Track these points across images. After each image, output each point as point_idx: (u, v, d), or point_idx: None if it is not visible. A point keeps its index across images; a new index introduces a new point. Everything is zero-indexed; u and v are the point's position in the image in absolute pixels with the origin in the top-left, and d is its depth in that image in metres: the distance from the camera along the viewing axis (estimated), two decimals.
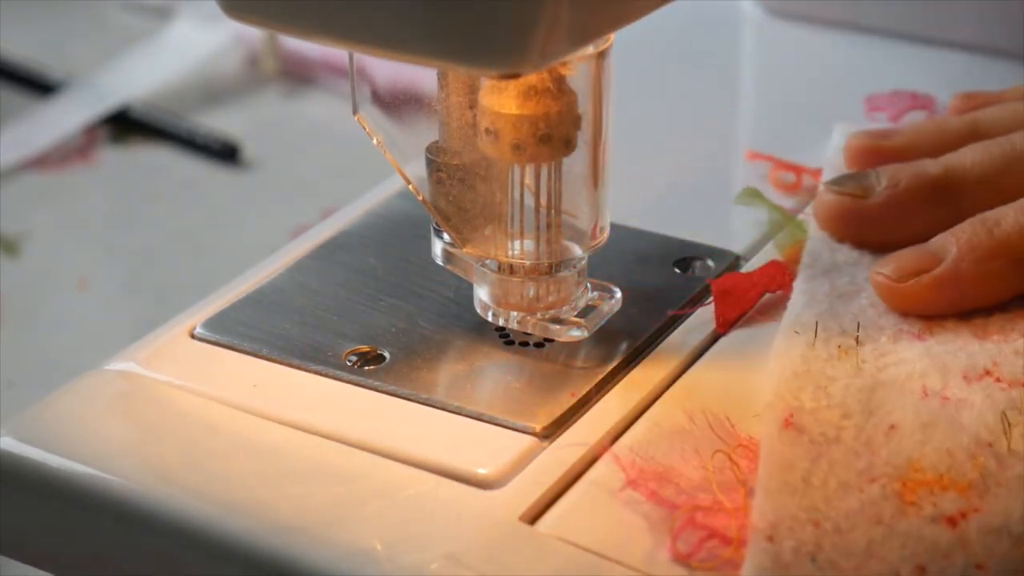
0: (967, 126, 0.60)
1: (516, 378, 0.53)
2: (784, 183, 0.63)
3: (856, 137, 0.61)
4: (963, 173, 0.56)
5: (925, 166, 0.57)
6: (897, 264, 0.54)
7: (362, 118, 0.54)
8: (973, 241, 0.53)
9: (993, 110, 0.61)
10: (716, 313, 0.55)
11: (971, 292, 0.53)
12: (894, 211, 0.56)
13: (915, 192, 0.56)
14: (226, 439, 0.51)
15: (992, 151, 0.57)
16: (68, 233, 0.86)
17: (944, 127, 0.61)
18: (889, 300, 0.54)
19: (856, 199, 0.56)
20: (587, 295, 0.55)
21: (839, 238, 0.57)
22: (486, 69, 0.46)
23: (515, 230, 0.53)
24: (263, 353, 0.55)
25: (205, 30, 1.03)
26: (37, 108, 0.97)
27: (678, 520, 0.46)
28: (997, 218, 0.54)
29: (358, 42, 0.47)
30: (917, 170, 0.57)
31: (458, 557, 0.46)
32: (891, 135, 0.61)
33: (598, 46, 0.51)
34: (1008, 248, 0.53)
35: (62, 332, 0.78)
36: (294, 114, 0.98)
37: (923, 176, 0.57)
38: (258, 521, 0.48)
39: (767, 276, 0.56)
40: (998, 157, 0.56)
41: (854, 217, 0.57)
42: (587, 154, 0.52)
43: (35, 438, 0.52)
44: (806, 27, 0.78)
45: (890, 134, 0.61)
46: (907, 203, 0.56)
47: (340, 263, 0.59)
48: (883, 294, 0.54)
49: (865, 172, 0.58)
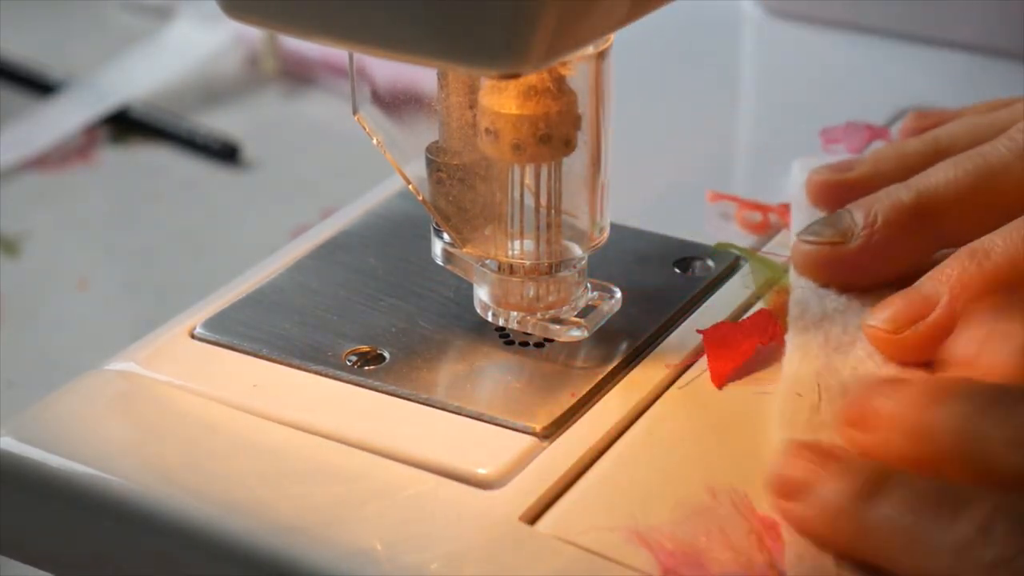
0: (928, 145, 0.58)
1: (516, 378, 0.53)
2: (751, 222, 0.62)
3: (817, 173, 0.59)
4: (938, 194, 0.55)
5: (898, 194, 0.55)
6: (890, 314, 0.52)
7: (362, 118, 0.54)
8: (964, 279, 0.51)
9: (950, 127, 0.60)
10: (710, 368, 0.53)
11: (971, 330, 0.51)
12: (875, 249, 0.54)
13: (893, 225, 0.54)
14: (226, 439, 0.51)
15: (965, 166, 0.55)
16: (68, 233, 0.86)
17: (904, 150, 0.59)
18: (887, 352, 0.52)
19: (835, 245, 0.55)
20: (587, 295, 0.55)
21: (824, 283, 0.55)
22: (486, 69, 0.46)
23: (515, 230, 0.53)
24: (263, 353, 0.55)
25: (205, 30, 1.03)
26: (37, 108, 0.97)
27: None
28: (986, 249, 0.51)
29: (358, 42, 0.47)
30: (891, 200, 0.55)
31: (458, 557, 0.46)
32: (852, 166, 0.59)
33: (598, 46, 0.51)
34: (1000, 280, 0.51)
35: (62, 332, 0.78)
36: (294, 114, 0.98)
37: (898, 207, 0.55)
38: (258, 521, 0.48)
39: (758, 327, 0.54)
40: (971, 172, 0.55)
41: (836, 264, 0.55)
42: (587, 154, 0.52)
43: (35, 438, 0.52)
44: (806, 27, 0.78)
45: (850, 165, 0.59)
46: (887, 238, 0.54)
47: (340, 263, 0.59)
48: (880, 347, 0.52)
49: (839, 214, 0.56)
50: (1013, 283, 0.51)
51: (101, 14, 1.10)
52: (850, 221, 0.55)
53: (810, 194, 0.60)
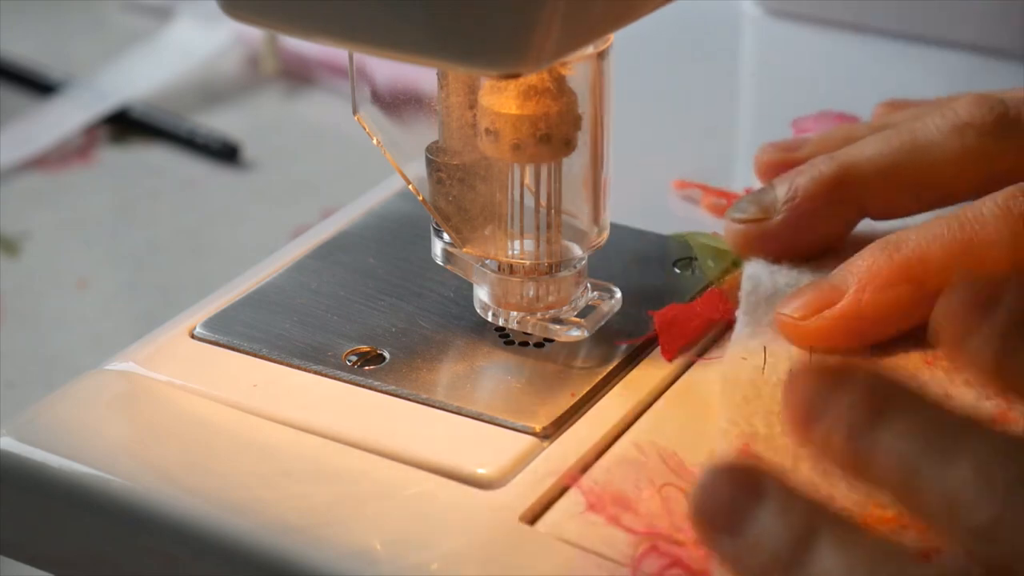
0: (876, 130, 0.58)
1: (516, 378, 0.53)
2: (717, 206, 0.62)
3: (764, 152, 0.60)
4: (860, 167, 0.54)
5: (820, 166, 0.55)
6: (800, 302, 0.52)
7: (362, 118, 0.54)
8: (873, 269, 0.51)
9: (908, 111, 0.59)
10: (660, 343, 0.54)
11: (876, 323, 0.51)
12: (797, 223, 0.54)
13: (814, 197, 0.54)
14: (226, 439, 0.51)
15: (891, 141, 0.55)
16: (68, 233, 0.86)
17: (853, 133, 0.59)
18: (794, 339, 0.52)
19: (759, 221, 0.55)
20: (587, 295, 0.55)
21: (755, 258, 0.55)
22: (486, 69, 0.46)
23: (515, 230, 0.53)
24: (263, 353, 0.55)
25: (205, 30, 1.03)
26: (37, 108, 0.97)
27: (641, 547, 0.46)
28: (898, 242, 0.52)
29: (358, 42, 0.47)
30: (812, 173, 0.55)
31: (458, 557, 0.46)
32: (799, 145, 0.59)
33: (598, 46, 0.51)
34: (908, 272, 0.51)
35: (62, 332, 0.78)
36: (294, 114, 0.98)
37: (819, 179, 0.55)
38: (258, 521, 0.48)
39: (708, 305, 0.55)
40: (896, 147, 0.54)
41: (761, 240, 0.55)
42: (587, 154, 0.52)
43: (35, 438, 0.52)
44: (806, 27, 0.78)
45: (798, 144, 0.59)
46: (809, 211, 0.54)
47: (340, 263, 0.59)
48: (787, 333, 0.52)
49: (763, 189, 0.56)
50: (920, 278, 0.51)
51: (101, 14, 1.10)
52: (772, 196, 0.55)
53: (759, 172, 0.60)
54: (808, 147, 0.59)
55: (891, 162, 0.54)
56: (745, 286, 0.55)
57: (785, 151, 0.59)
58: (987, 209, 0.51)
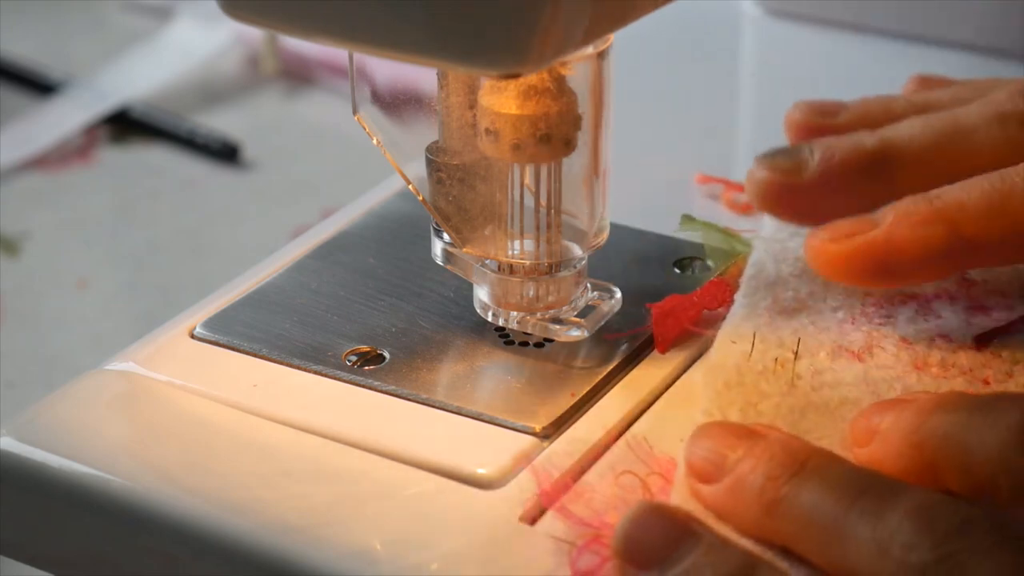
0: (915, 105, 0.58)
1: (516, 378, 0.53)
2: (737, 203, 0.62)
3: (800, 110, 0.58)
4: (900, 147, 0.54)
5: (861, 139, 0.54)
6: (832, 226, 0.51)
7: (362, 118, 0.54)
8: (911, 208, 0.51)
9: (945, 91, 0.59)
10: (655, 334, 0.54)
11: (905, 260, 0.51)
12: (828, 186, 0.53)
13: (850, 166, 0.54)
14: (226, 439, 0.51)
15: (933, 125, 0.54)
16: (68, 233, 0.86)
17: (891, 105, 0.58)
18: (820, 263, 0.51)
19: (789, 175, 0.54)
20: (587, 295, 0.55)
21: (775, 215, 0.54)
22: (486, 69, 0.46)
23: (515, 230, 0.53)
24: (263, 353, 0.55)
25: (205, 30, 1.03)
26: (37, 108, 0.97)
27: (581, 539, 0.46)
28: (939, 192, 0.51)
29: (358, 42, 0.47)
30: (853, 143, 0.54)
31: (458, 557, 0.46)
32: (837, 111, 0.58)
33: (598, 46, 0.51)
34: (946, 216, 0.50)
35: (62, 332, 0.78)
36: (294, 114, 0.98)
37: (858, 149, 0.54)
38: (258, 521, 0.48)
39: (708, 295, 0.55)
40: (938, 131, 0.54)
41: (787, 194, 0.54)
42: (587, 154, 0.52)
43: (35, 438, 0.52)
44: (806, 27, 0.78)
45: (836, 110, 0.58)
46: (841, 178, 0.54)
47: (340, 263, 0.59)
48: (814, 257, 0.51)
49: (798, 146, 0.55)
50: (957, 221, 0.50)
51: (101, 14, 1.10)
52: (807, 154, 0.54)
53: (789, 129, 0.58)
54: (846, 115, 0.58)
55: (932, 144, 0.54)
56: (748, 271, 0.55)
57: (822, 115, 0.58)
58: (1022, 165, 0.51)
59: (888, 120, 0.56)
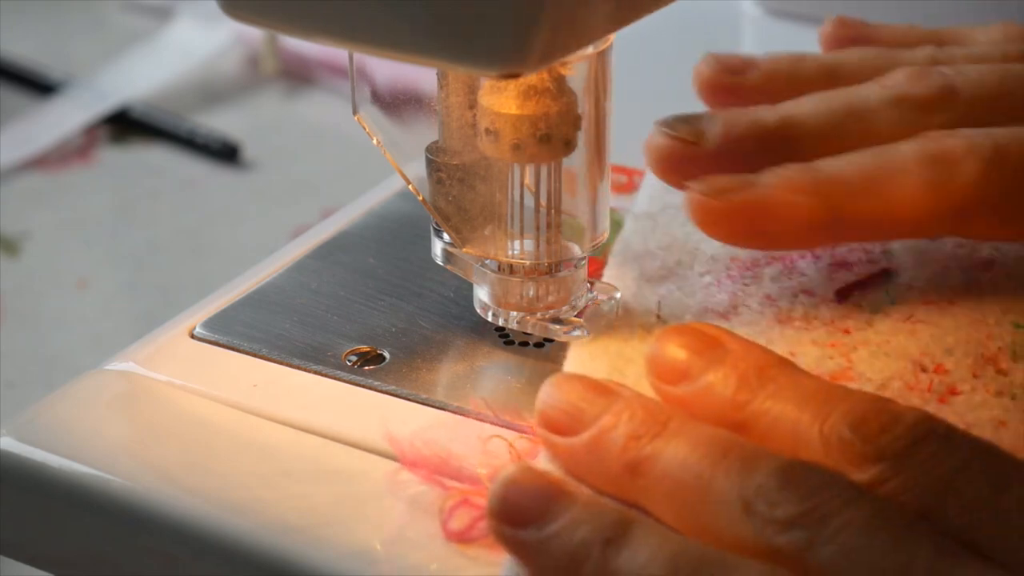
0: (823, 71, 0.57)
1: (516, 378, 0.53)
2: (617, 183, 0.62)
3: (709, 65, 0.58)
4: (799, 125, 0.54)
5: (762, 114, 0.54)
6: (711, 182, 0.51)
7: (362, 118, 0.54)
8: (791, 175, 0.51)
9: (852, 54, 0.59)
10: None
11: (779, 225, 0.51)
12: (726, 158, 0.53)
13: (749, 140, 0.53)
14: (226, 439, 0.51)
15: (831, 103, 0.54)
16: (68, 233, 0.86)
17: (800, 67, 0.58)
18: (698, 215, 0.51)
19: (687, 144, 0.53)
20: (587, 295, 0.55)
21: (670, 183, 0.54)
22: (486, 69, 0.46)
23: (515, 230, 0.53)
24: (263, 353, 0.55)
25: (205, 30, 1.03)
26: (37, 108, 0.97)
27: (450, 500, 0.47)
28: (819, 164, 0.52)
29: (358, 42, 0.47)
30: (753, 118, 0.54)
31: (458, 557, 0.46)
32: (746, 68, 0.58)
33: (598, 46, 0.51)
34: (823, 187, 0.51)
35: (62, 332, 0.78)
36: (294, 114, 0.98)
37: (759, 125, 0.54)
38: (258, 521, 0.48)
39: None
40: (837, 111, 0.54)
41: (685, 162, 0.53)
42: (587, 154, 0.52)
43: (35, 438, 0.52)
44: (806, 27, 0.78)
45: (744, 67, 0.58)
46: (740, 151, 0.53)
47: (340, 263, 0.59)
48: (692, 209, 0.51)
49: (699, 115, 0.55)
50: (832, 194, 0.51)
51: (101, 14, 1.10)
52: (708, 124, 0.54)
53: (698, 84, 0.58)
54: (754, 74, 0.58)
55: (831, 124, 0.54)
56: (616, 247, 0.56)
57: (730, 72, 0.58)
58: (906, 146, 0.51)
59: (795, 83, 0.56)
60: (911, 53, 0.58)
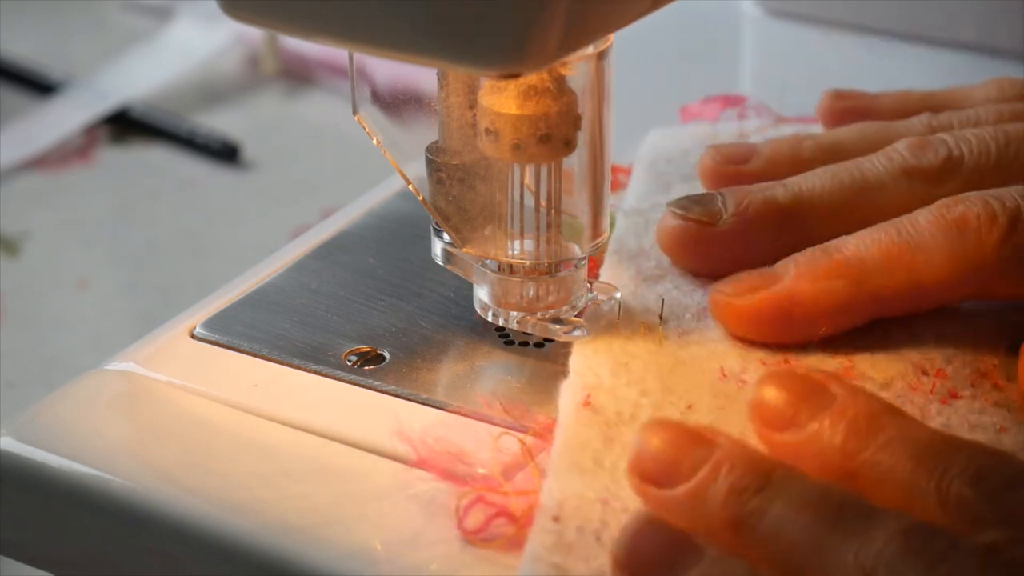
0: (824, 151, 0.58)
1: (516, 378, 0.53)
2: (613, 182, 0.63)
3: (711, 156, 0.59)
4: (811, 201, 0.55)
5: (774, 191, 0.55)
6: (735, 281, 0.52)
7: (362, 118, 0.54)
8: (812, 262, 0.52)
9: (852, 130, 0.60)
10: None
11: (808, 313, 0.51)
12: (741, 238, 0.54)
13: (763, 219, 0.54)
14: (226, 439, 0.51)
15: (841, 178, 0.55)
16: (68, 233, 0.86)
17: (800, 152, 0.58)
18: (725, 319, 0.52)
19: (701, 225, 0.54)
20: (587, 295, 0.55)
21: (684, 266, 0.55)
22: (486, 69, 0.46)
23: (515, 230, 0.53)
24: (263, 353, 0.55)
25: (205, 30, 1.03)
26: (37, 108, 0.97)
27: (466, 498, 0.47)
28: (838, 244, 0.52)
29: (358, 42, 0.47)
30: (766, 196, 0.55)
31: (458, 557, 0.46)
32: (747, 156, 0.59)
33: (598, 46, 0.51)
34: (846, 269, 0.51)
35: (62, 332, 0.78)
36: (294, 114, 0.98)
37: (771, 203, 0.55)
38: (258, 521, 0.48)
39: None
40: (847, 185, 0.55)
41: (700, 243, 0.55)
42: (587, 154, 0.52)
43: (35, 438, 0.52)
44: (806, 27, 0.78)
45: (746, 155, 0.59)
46: (755, 230, 0.54)
47: (340, 263, 0.59)
48: (719, 313, 0.52)
49: (711, 195, 0.55)
50: (858, 276, 0.51)
51: (101, 14, 1.10)
52: (721, 205, 0.55)
53: (703, 177, 0.59)
54: (756, 161, 0.58)
55: (842, 199, 0.55)
56: (611, 246, 0.56)
57: (732, 161, 0.59)
58: (922, 217, 0.52)
59: (796, 166, 0.57)
60: (907, 124, 0.59)
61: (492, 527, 0.46)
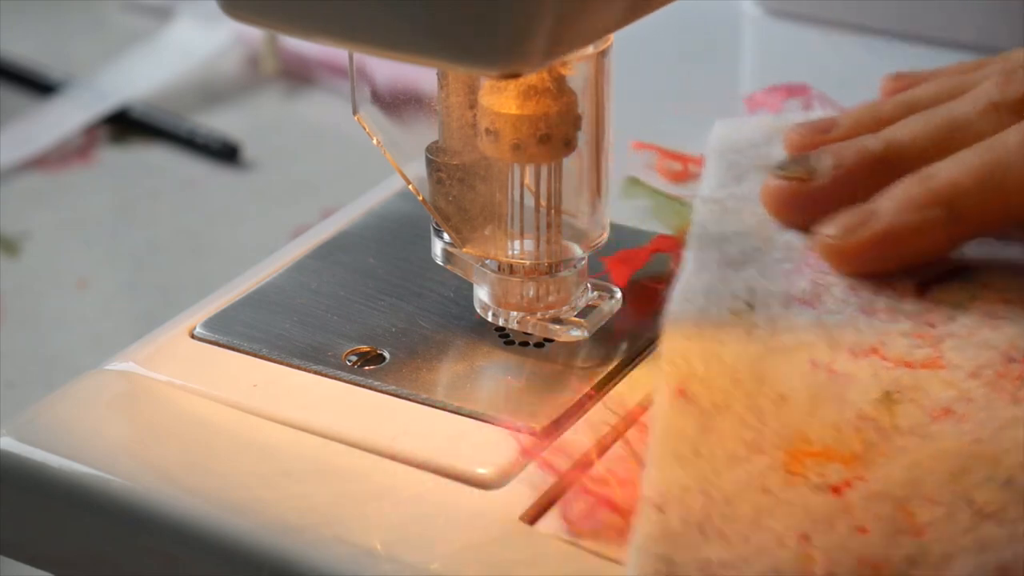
0: (901, 106, 0.60)
1: (516, 378, 0.53)
2: (671, 171, 0.63)
3: (796, 132, 0.60)
4: (904, 146, 0.56)
5: (866, 142, 0.57)
6: (837, 223, 0.54)
7: (362, 118, 0.54)
8: (907, 194, 0.54)
9: (924, 87, 0.61)
10: (612, 275, 0.56)
11: (910, 244, 0.54)
12: (841, 190, 0.56)
13: (859, 169, 0.56)
14: (226, 439, 0.51)
15: (931, 121, 0.57)
16: (68, 233, 0.86)
17: (879, 112, 0.60)
18: (833, 260, 0.54)
19: (802, 182, 0.56)
20: (587, 295, 0.55)
21: (787, 224, 0.57)
22: (486, 69, 0.46)
23: (515, 230, 0.53)
24: (263, 353, 0.55)
25: (205, 30, 1.03)
26: (37, 108, 0.97)
27: (569, 488, 0.47)
28: (931, 172, 0.54)
29: (358, 42, 0.47)
30: (859, 147, 0.57)
31: (458, 557, 0.46)
32: (829, 127, 0.60)
33: (598, 46, 0.51)
34: (942, 197, 0.53)
35: (62, 332, 0.78)
36: (294, 114, 0.98)
37: (865, 152, 0.56)
38: (258, 521, 0.48)
39: (656, 244, 0.57)
40: (938, 127, 0.56)
41: (802, 200, 0.56)
42: (587, 154, 0.52)
43: (35, 438, 0.52)
44: (806, 27, 0.78)
45: (828, 126, 0.60)
46: (853, 181, 0.56)
47: (340, 263, 0.59)
48: (826, 254, 0.54)
49: (807, 155, 0.57)
50: (952, 202, 0.53)
51: (101, 14, 1.10)
52: (817, 162, 0.57)
53: (789, 151, 0.60)
54: (839, 129, 0.60)
55: (934, 140, 0.56)
56: (694, 229, 0.56)
57: (818, 132, 0.60)
58: (1011, 136, 0.54)
59: (880, 125, 0.59)
60: (983, 72, 0.60)
61: (595, 517, 0.46)
